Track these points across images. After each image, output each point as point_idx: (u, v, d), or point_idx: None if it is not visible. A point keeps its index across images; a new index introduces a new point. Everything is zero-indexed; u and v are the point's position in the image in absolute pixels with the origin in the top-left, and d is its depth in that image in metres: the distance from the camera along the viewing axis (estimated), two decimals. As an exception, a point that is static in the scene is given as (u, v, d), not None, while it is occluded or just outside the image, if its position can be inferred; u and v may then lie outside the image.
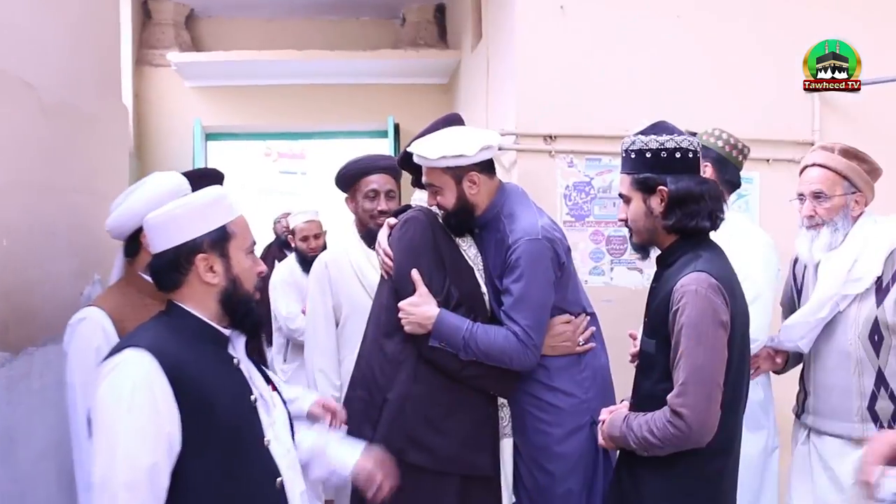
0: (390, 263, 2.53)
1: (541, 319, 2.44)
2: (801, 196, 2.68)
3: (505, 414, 2.60)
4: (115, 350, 1.67)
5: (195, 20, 6.70)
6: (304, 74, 6.29)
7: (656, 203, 2.13)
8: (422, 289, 2.45)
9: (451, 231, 2.58)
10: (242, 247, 1.77)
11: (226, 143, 7.10)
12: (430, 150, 2.46)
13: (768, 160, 4.08)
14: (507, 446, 2.57)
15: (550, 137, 3.96)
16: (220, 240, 1.73)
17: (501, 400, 2.59)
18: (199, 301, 1.75)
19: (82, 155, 3.11)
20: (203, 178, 2.98)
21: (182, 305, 1.74)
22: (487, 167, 2.53)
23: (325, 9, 6.59)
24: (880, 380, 2.47)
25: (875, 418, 2.46)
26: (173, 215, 1.72)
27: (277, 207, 6.37)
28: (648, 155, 2.12)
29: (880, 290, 2.49)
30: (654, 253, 2.25)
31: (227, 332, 1.78)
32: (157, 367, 1.60)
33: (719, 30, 4.10)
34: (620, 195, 2.23)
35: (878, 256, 2.51)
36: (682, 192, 2.10)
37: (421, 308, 2.43)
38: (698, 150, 2.16)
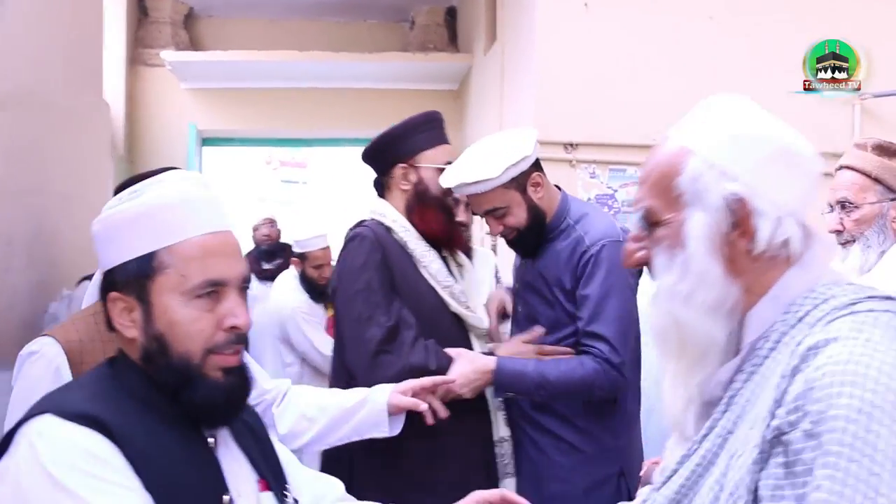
0: None
1: (626, 331, 2.11)
2: (831, 207, 2.26)
3: (506, 451, 2.27)
4: (29, 417, 1.12)
5: (194, 19, 6.42)
6: (306, 77, 6.00)
7: None
8: (456, 351, 2.12)
9: (526, 253, 2.25)
10: (182, 288, 1.18)
11: (222, 149, 6.79)
12: (488, 169, 2.10)
13: (806, 174, 3.79)
14: (509, 488, 2.24)
15: (571, 146, 3.72)
16: (136, 276, 1.18)
17: (502, 434, 2.26)
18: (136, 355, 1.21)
19: (49, 153, 2.78)
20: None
21: (130, 356, 1.22)
22: (539, 164, 2.22)
23: (330, 10, 6.31)
24: None
25: None
26: (106, 226, 1.22)
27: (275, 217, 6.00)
28: None
29: None
30: None
31: None
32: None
33: (754, 34, 3.86)
34: None
35: None
36: None
37: (475, 365, 2.10)
38: None
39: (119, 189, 2.52)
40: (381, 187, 2.30)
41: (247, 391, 1.23)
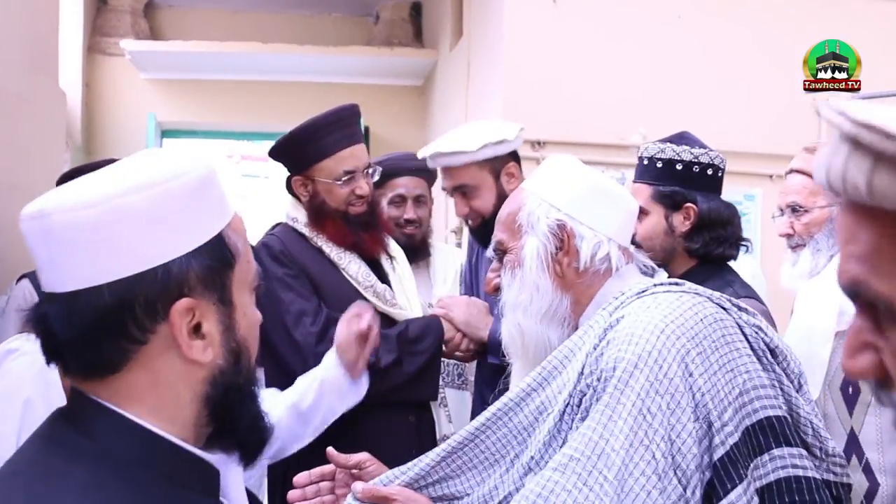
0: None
1: None
2: (781, 211, 2.22)
3: (440, 414, 2.27)
4: None
5: (154, 9, 6.27)
6: (269, 70, 5.90)
7: (679, 221, 1.93)
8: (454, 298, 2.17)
9: (486, 244, 2.20)
10: (249, 276, 0.88)
11: (183, 142, 6.64)
12: (467, 140, 2.12)
13: (771, 176, 3.87)
14: None
15: (539, 144, 3.68)
16: (219, 267, 0.83)
17: (444, 432, 2.28)
18: (161, 398, 0.82)
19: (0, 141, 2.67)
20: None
21: (119, 411, 0.80)
22: (517, 157, 2.21)
23: (294, 3, 6.22)
24: (852, 444, 1.81)
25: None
26: (151, 202, 0.79)
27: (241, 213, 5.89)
28: (679, 167, 1.92)
29: None
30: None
31: (212, 457, 0.86)
32: None
33: (722, 34, 3.87)
34: None
35: None
36: (713, 213, 1.91)
37: (483, 313, 2.13)
38: (724, 169, 1.98)
39: (63, 179, 2.39)
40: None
41: None
